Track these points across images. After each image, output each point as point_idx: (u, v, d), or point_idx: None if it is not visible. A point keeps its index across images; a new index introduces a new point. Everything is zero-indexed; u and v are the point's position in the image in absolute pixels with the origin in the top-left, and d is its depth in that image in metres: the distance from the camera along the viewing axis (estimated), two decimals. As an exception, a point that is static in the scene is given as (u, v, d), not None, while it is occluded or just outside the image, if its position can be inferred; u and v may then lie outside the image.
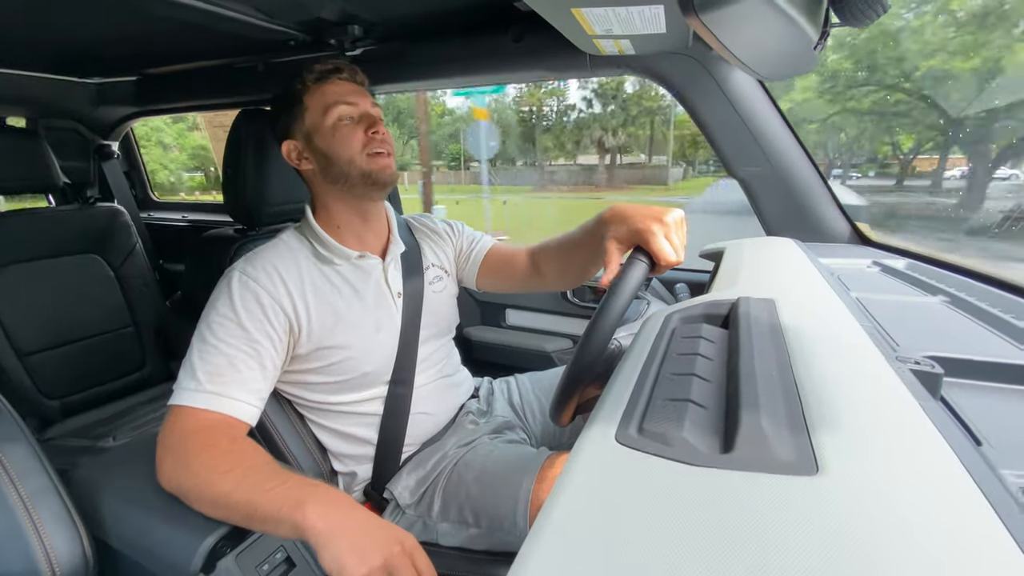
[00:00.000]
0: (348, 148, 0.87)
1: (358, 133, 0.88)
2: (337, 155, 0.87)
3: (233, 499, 0.62)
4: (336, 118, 0.87)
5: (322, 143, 0.88)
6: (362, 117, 0.89)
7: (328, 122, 0.87)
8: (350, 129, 0.88)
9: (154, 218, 2.33)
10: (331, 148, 0.87)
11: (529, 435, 1.10)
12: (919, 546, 0.25)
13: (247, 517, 0.62)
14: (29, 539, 0.62)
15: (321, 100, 0.88)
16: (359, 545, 0.56)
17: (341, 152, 0.87)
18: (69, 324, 1.54)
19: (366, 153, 0.88)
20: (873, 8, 0.45)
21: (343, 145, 0.87)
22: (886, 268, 0.92)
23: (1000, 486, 0.29)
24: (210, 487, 0.64)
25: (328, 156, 0.88)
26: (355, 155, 0.87)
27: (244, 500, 0.61)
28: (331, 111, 0.87)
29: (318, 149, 0.88)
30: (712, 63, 1.06)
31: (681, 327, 0.56)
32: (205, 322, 0.78)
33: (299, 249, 0.90)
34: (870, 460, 0.31)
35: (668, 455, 0.33)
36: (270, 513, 0.60)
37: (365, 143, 0.88)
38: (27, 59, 1.60)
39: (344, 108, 0.88)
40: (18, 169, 1.46)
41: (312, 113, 0.88)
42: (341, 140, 0.87)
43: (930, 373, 0.44)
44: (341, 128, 0.87)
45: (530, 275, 1.06)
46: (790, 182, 1.12)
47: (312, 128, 0.88)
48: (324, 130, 0.87)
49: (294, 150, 0.91)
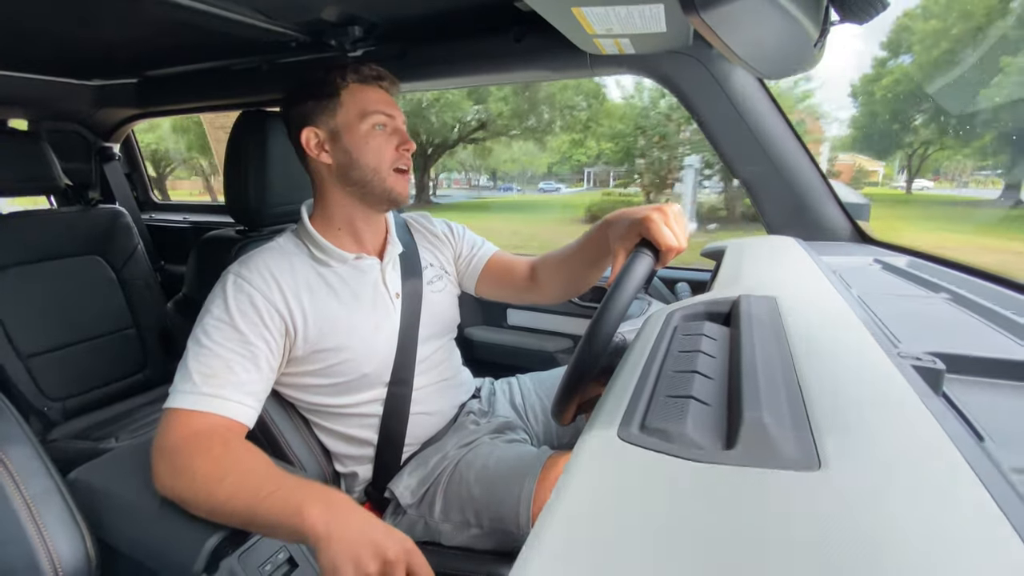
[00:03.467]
0: (378, 158, 0.88)
1: (390, 146, 0.89)
2: (365, 161, 0.87)
3: (231, 507, 0.62)
4: (372, 124, 0.87)
5: (351, 144, 0.87)
6: (395, 130, 0.90)
7: (364, 126, 0.87)
8: (384, 140, 0.88)
9: (155, 219, 2.33)
10: (360, 153, 0.87)
11: (531, 435, 1.10)
12: (921, 542, 0.25)
13: (246, 523, 0.62)
14: (33, 541, 0.62)
15: (361, 101, 0.88)
16: (355, 550, 0.56)
17: (370, 159, 0.87)
18: (71, 326, 1.54)
19: (393, 168, 0.89)
20: (873, 5, 0.46)
21: (374, 154, 0.88)
22: (887, 266, 0.92)
23: (1003, 481, 0.29)
24: (207, 495, 0.63)
25: (354, 158, 0.87)
26: (382, 167, 0.88)
27: (242, 507, 0.61)
28: (369, 116, 0.87)
29: (344, 148, 0.88)
30: (713, 62, 1.06)
31: (683, 325, 0.56)
32: (200, 326, 0.78)
33: (295, 252, 0.90)
34: (872, 456, 0.31)
35: (671, 451, 0.33)
36: (269, 519, 0.60)
37: (395, 158, 0.89)
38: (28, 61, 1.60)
39: (382, 118, 0.88)
40: (20, 171, 1.47)
41: (347, 111, 0.87)
42: (373, 148, 0.87)
43: (932, 369, 0.44)
44: (376, 136, 0.88)
45: (530, 287, 1.07)
46: (791, 181, 1.12)
47: (344, 126, 0.87)
48: (357, 132, 0.87)
49: (315, 138, 0.89)
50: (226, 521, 0.63)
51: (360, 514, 0.61)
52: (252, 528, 0.63)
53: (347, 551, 0.56)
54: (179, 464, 0.66)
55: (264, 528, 0.61)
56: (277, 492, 0.61)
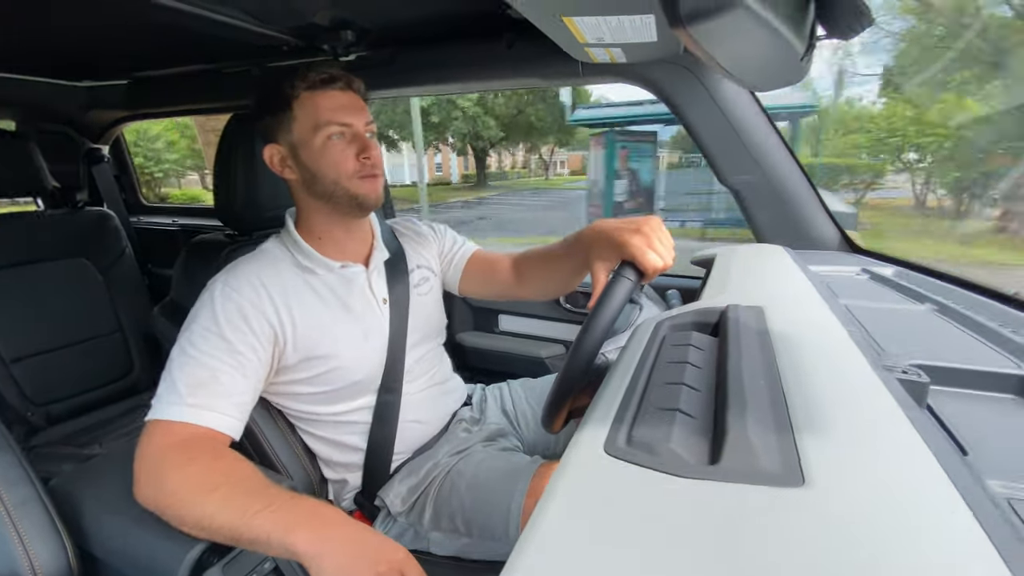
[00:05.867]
0: (336, 170, 0.83)
1: (348, 155, 0.83)
2: (323, 174, 0.83)
3: (217, 522, 0.60)
4: (326, 136, 0.82)
5: (308, 159, 0.83)
6: (354, 137, 0.84)
7: (317, 140, 0.82)
8: (340, 149, 0.83)
9: (143, 222, 2.31)
10: (318, 166, 0.83)
11: (522, 442, 1.10)
12: (902, 559, 0.25)
13: (232, 539, 0.60)
14: (13, 550, 0.61)
15: (312, 113, 0.82)
16: (348, 565, 0.56)
17: (328, 172, 0.83)
18: (55, 329, 1.52)
19: (356, 177, 0.84)
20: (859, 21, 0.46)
21: (331, 166, 0.83)
22: (875, 276, 0.92)
23: (984, 496, 0.30)
24: (192, 508, 0.61)
25: (314, 173, 0.84)
26: (342, 178, 0.83)
27: (229, 523, 0.59)
28: (321, 129, 0.82)
29: (304, 163, 0.84)
30: (703, 72, 1.07)
31: (671, 335, 0.56)
32: (186, 335, 0.76)
33: (282, 259, 0.88)
34: (856, 471, 0.31)
35: (655, 466, 0.33)
36: (258, 537, 0.58)
37: (355, 168, 0.84)
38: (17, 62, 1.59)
39: (336, 128, 0.82)
40: (7, 172, 1.45)
41: (300, 125, 0.83)
42: (329, 160, 0.83)
43: (916, 382, 0.44)
44: (332, 147, 0.83)
45: (513, 283, 1.06)
46: (780, 190, 1.13)
47: (299, 141, 0.83)
48: (312, 146, 0.82)
49: (277, 155, 0.86)
50: (210, 535, 0.62)
51: (352, 528, 0.60)
52: (238, 544, 0.61)
53: (341, 568, 0.55)
54: (163, 474, 0.64)
55: (252, 545, 0.60)
56: (266, 510, 0.59)
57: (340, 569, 0.55)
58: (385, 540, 0.60)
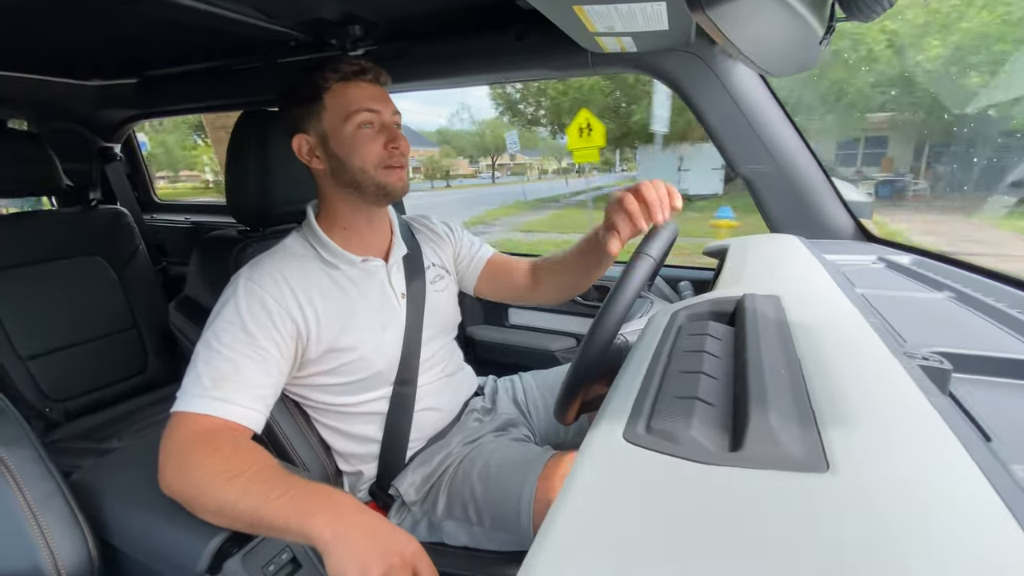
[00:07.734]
0: (364, 158, 0.85)
1: (377, 144, 0.86)
2: (352, 162, 0.85)
3: (239, 508, 0.61)
4: (356, 125, 0.84)
5: (338, 148, 0.85)
6: (383, 127, 0.87)
7: (349, 128, 0.84)
8: (369, 138, 0.85)
9: (157, 220, 2.33)
10: (347, 155, 0.85)
11: (533, 433, 1.10)
12: (929, 543, 0.24)
13: (252, 525, 0.62)
14: (35, 544, 0.62)
15: (343, 102, 0.85)
16: (361, 555, 0.56)
17: (356, 160, 0.85)
18: (72, 327, 1.54)
19: (382, 166, 0.86)
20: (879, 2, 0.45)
21: (360, 154, 0.85)
22: (892, 264, 0.91)
23: (1010, 481, 0.29)
24: (214, 495, 0.63)
25: (343, 161, 0.86)
26: (369, 166, 0.86)
27: (250, 509, 0.61)
28: (352, 117, 0.84)
29: (333, 152, 0.86)
30: (715, 60, 1.06)
31: (687, 324, 0.56)
32: (211, 329, 0.78)
33: (304, 254, 0.90)
34: (880, 457, 0.31)
35: (677, 453, 0.33)
36: (277, 522, 0.59)
37: (383, 157, 0.86)
38: (29, 62, 1.60)
39: (366, 115, 0.85)
40: (20, 171, 1.46)
41: (331, 115, 0.85)
42: (359, 149, 0.85)
43: (938, 369, 0.43)
44: (360, 135, 0.85)
45: (529, 288, 1.09)
46: (794, 179, 1.12)
47: (330, 130, 0.85)
48: (342, 135, 0.85)
49: (306, 144, 0.88)
50: (230, 522, 0.63)
51: (367, 518, 0.61)
52: (257, 530, 0.63)
53: (353, 557, 0.56)
54: (188, 463, 0.66)
55: (270, 531, 0.61)
56: (286, 495, 0.60)
57: (353, 557, 0.56)
58: (398, 532, 0.61)
